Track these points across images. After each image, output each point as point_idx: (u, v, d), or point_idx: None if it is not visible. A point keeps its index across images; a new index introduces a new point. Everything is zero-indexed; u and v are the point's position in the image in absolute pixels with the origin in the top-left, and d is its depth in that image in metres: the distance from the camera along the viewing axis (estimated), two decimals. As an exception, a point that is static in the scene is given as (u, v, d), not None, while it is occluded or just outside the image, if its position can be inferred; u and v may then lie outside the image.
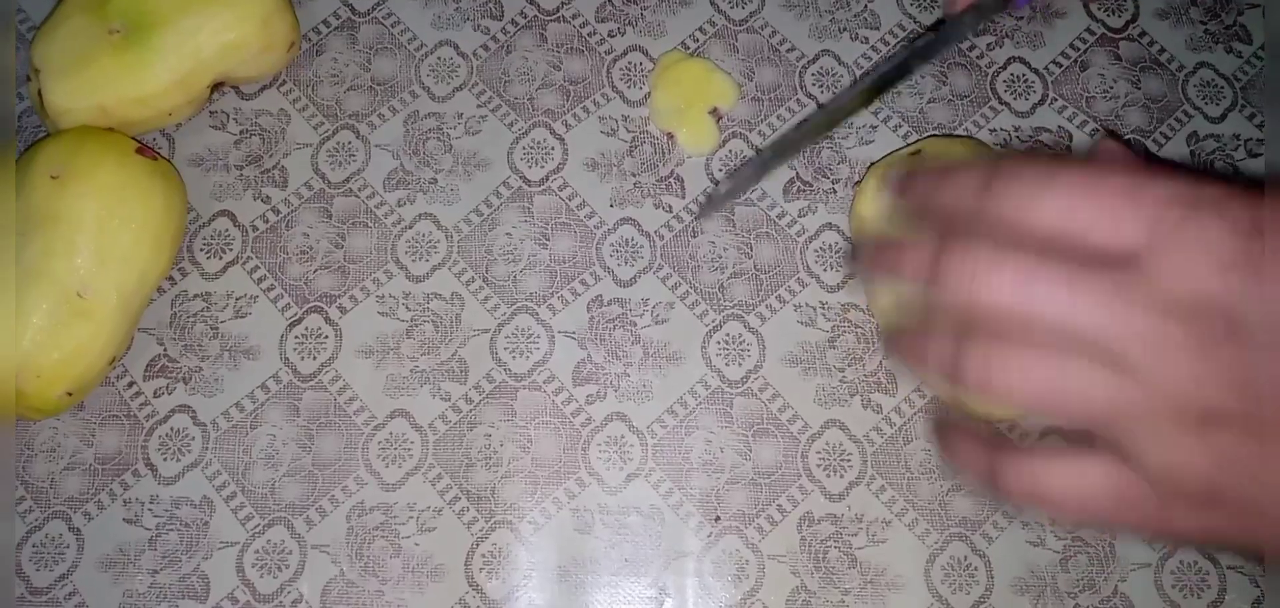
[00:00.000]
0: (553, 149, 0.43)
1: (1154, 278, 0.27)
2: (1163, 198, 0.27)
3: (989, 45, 0.45)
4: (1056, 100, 0.44)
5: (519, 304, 0.41)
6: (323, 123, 0.43)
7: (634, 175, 0.43)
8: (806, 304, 0.41)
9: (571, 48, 0.45)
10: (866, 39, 0.45)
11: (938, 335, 0.30)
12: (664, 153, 0.43)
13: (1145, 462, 0.28)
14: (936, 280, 0.29)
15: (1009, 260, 0.28)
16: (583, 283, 0.41)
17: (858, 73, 0.44)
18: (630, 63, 0.45)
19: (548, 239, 0.42)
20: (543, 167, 0.43)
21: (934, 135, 0.43)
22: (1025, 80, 0.44)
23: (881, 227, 0.37)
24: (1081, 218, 0.28)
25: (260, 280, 0.41)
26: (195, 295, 0.41)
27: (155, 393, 0.39)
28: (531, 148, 0.43)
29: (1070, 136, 0.44)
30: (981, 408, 0.36)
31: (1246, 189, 0.27)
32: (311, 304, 0.41)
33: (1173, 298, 0.27)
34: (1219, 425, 0.27)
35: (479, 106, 0.44)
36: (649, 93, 0.44)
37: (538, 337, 0.40)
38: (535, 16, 0.45)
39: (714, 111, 0.43)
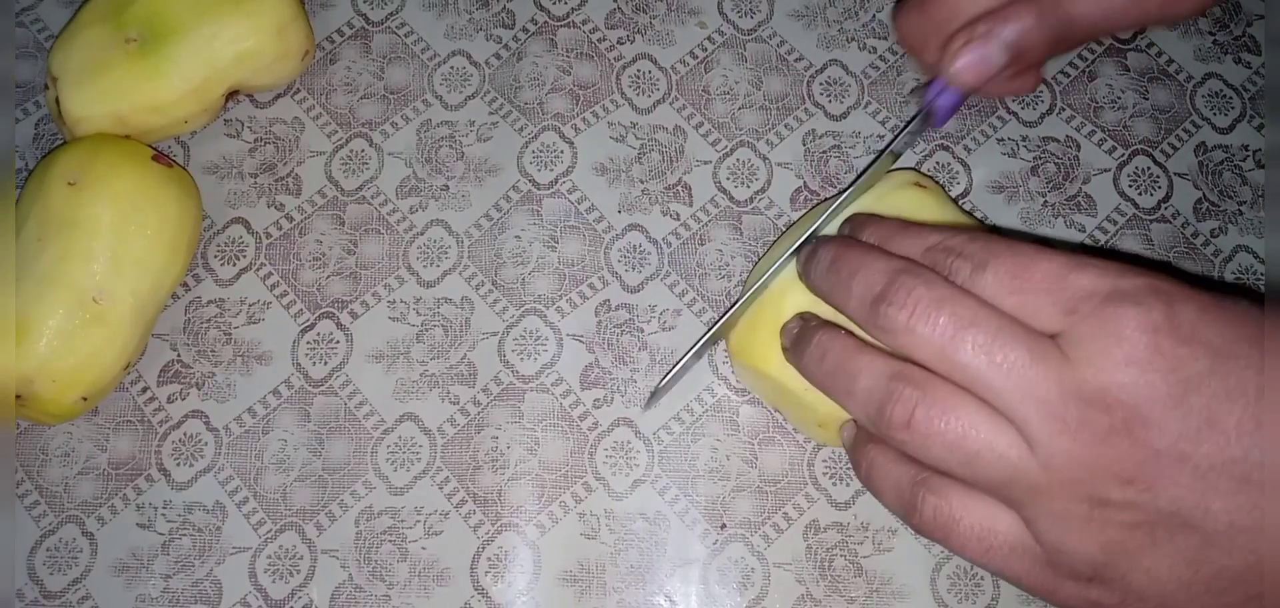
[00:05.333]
0: (562, 152, 0.41)
1: (1066, 362, 0.26)
2: (1084, 289, 0.27)
3: (996, 54, 0.43)
4: (1064, 110, 0.42)
5: (527, 306, 0.39)
6: (336, 131, 0.42)
7: (642, 182, 0.41)
8: (813, 312, 0.39)
9: (581, 53, 0.43)
10: (874, 48, 0.43)
11: (870, 365, 0.29)
12: (672, 161, 0.41)
13: (1040, 532, 0.27)
14: (876, 319, 0.29)
15: (943, 312, 0.27)
16: (591, 287, 0.40)
17: (866, 82, 0.42)
18: (639, 70, 0.43)
19: (557, 242, 0.40)
20: (552, 169, 0.41)
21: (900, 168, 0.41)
22: (1032, 89, 0.42)
23: (776, 383, 0.34)
24: (1009, 303, 0.28)
25: (273, 287, 0.39)
26: (209, 301, 0.39)
27: (169, 398, 0.38)
28: (541, 151, 0.41)
29: (1078, 146, 0.41)
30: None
31: (1173, 283, 0.27)
32: (324, 310, 0.39)
33: (1080, 383, 0.26)
34: (1108, 514, 0.26)
35: (490, 114, 0.42)
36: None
37: (546, 339, 0.39)
38: (546, 23, 0.43)
39: None
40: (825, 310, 0.32)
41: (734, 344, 0.36)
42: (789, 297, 0.34)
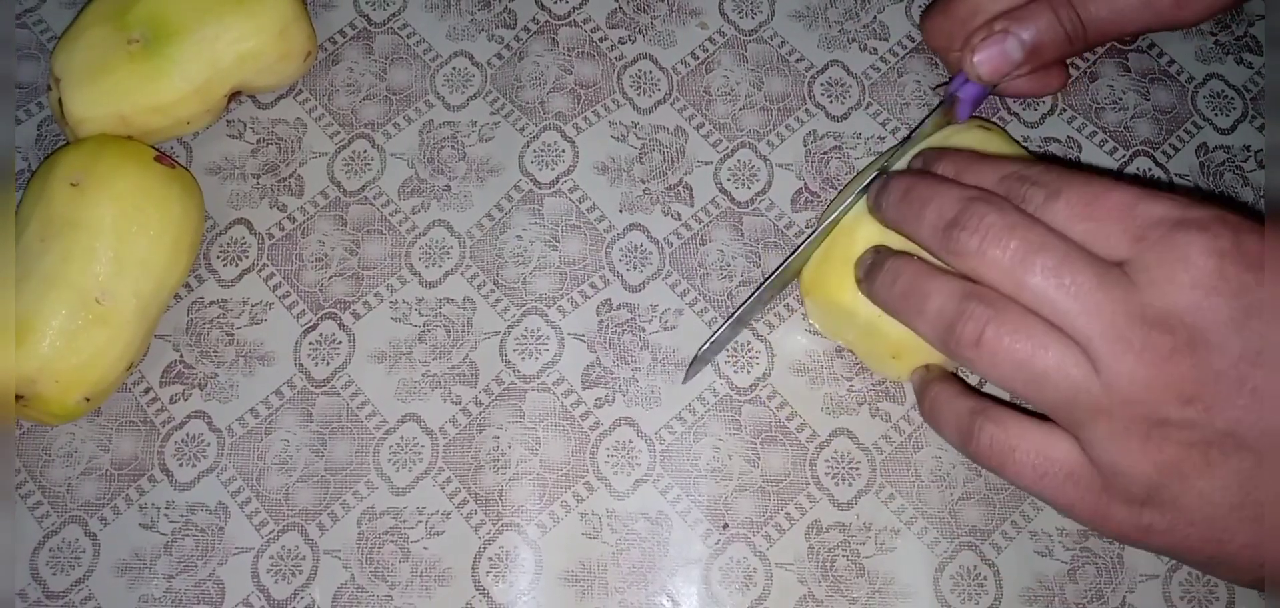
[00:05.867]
0: (563, 151, 0.41)
1: (1133, 286, 0.27)
2: (1154, 217, 0.27)
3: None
4: (1066, 111, 0.42)
5: (529, 306, 0.39)
6: (339, 132, 0.42)
7: (643, 182, 0.41)
8: (814, 312, 0.39)
9: (583, 53, 0.43)
10: (875, 50, 0.43)
11: (942, 286, 0.30)
12: (673, 161, 0.41)
13: (1096, 454, 0.28)
14: (948, 243, 0.30)
15: (1014, 237, 0.28)
16: (592, 286, 0.39)
17: (867, 83, 0.42)
18: (640, 70, 0.43)
19: (558, 241, 0.40)
20: (553, 169, 0.41)
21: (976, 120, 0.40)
22: (1033, 89, 0.42)
23: (849, 312, 0.35)
24: (1079, 230, 0.28)
25: (276, 287, 0.39)
26: (211, 302, 0.39)
27: (171, 399, 0.38)
28: (542, 150, 0.41)
29: (1079, 147, 0.41)
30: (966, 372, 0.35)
31: (1240, 212, 0.27)
32: (326, 310, 0.39)
33: (1145, 306, 0.27)
34: (1166, 433, 0.27)
35: (492, 114, 0.42)
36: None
37: (547, 338, 0.39)
38: (547, 22, 0.43)
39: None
40: (896, 245, 0.33)
41: (807, 280, 0.37)
42: (860, 230, 0.35)
